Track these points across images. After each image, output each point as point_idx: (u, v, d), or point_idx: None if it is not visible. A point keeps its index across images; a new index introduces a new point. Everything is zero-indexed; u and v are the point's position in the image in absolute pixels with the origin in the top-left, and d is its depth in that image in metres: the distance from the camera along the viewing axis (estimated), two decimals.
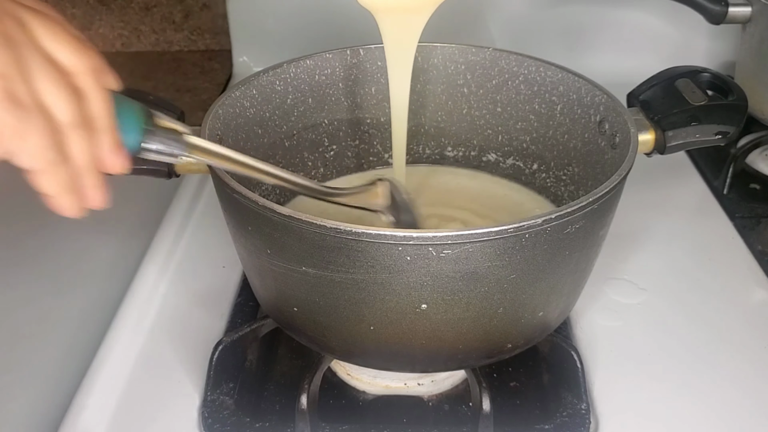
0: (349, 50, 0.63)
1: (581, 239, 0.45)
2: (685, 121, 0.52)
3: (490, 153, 0.67)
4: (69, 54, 0.31)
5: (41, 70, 0.30)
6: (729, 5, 0.80)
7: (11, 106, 0.28)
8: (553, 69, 0.59)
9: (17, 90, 0.28)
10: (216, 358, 0.52)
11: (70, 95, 0.31)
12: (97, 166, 0.33)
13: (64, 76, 0.31)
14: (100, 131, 0.33)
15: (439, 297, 0.42)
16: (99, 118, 0.33)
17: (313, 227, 0.40)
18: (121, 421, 0.51)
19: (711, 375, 0.54)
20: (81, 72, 0.32)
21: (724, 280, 0.64)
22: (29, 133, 0.29)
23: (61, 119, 0.31)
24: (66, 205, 0.33)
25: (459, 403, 0.54)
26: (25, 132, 0.29)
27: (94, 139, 0.33)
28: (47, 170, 0.31)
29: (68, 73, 0.31)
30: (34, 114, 0.29)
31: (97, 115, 0.33)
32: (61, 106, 0.30)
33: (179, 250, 0.67)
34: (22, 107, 0.28)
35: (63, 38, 0.31)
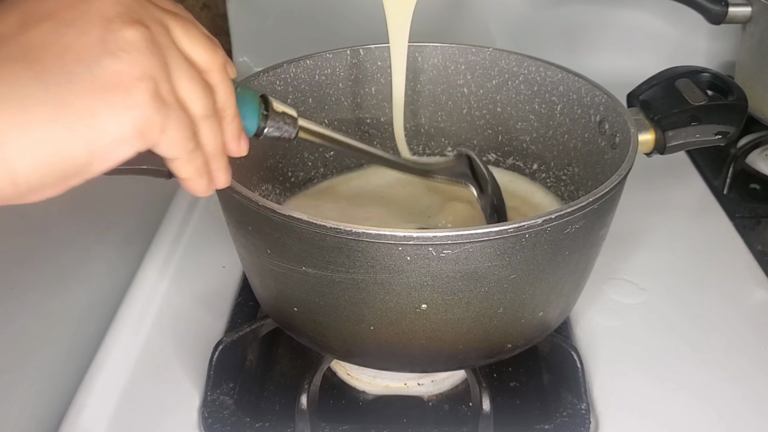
0: (349, 50, 0.63)
1: (581, 239, 0.45)
2: (685, 121, 0.52)
3: (490, 153, 0.67)
4: (203, 53, 0.35)
5: (182, 70, 0.33)
6: (729, 5, 0.80)
7: (158, 105, 0.31)
8: (553, 69, 0.59)
9: (163, 90, 0.32)
10: (216, 358, 0.52)
11: (204, 91, 0.34)
12: (223, 150, 0.37)
13: (198, 73, 0.34)
14: (227, 120, 0.37)
15: (439, 297, 0.42)
16: (226, 108, 0.37)
17: (313, 227, 0.40)
18: (121, 421, 0.51)
19: (711, 375, 0.54)
20: (212, 69, 0.35)
21: (724, 280, 0.64)
22: (171, 127, 0.32)
23: (196, 113, 0.34)
24: (198, 187, 0.37)
25: (459, 403, 0.54)
26: (168, 127, 0.32)
27: (222, 127, 0.37)
28: (184, 158, 0.34)
29: (202, 70, 0.35)
30: (175, 110, 0.32)
31: (224, 106, 0.36)
32: (197, 102, 0.34)
33: (179, 250, 0.67)
34: (166, 105, 0.32)
35: (198, 39, 0.35)
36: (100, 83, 0.30)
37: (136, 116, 0.30)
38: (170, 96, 0.32)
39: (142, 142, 0.31)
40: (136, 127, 0.31)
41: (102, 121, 0.30)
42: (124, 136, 0.30)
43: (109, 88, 0.30)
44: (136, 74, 0.30)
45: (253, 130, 0.41)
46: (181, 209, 0.72)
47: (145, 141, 0.31)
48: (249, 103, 0.41)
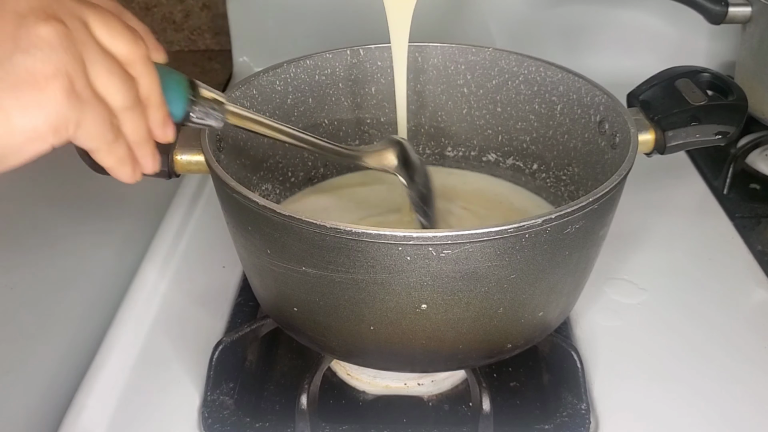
0: (349, 50, 0.63)
1: (581, 239, 0.45)
2: (685, 121, 0.52)
3: (490, 153, 0.67)
4: (123, 45, 0.34)
5: (99, 64, 0.33)
6: (729, 5, 0.80)
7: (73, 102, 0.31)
8: (553, 69, 0.59)
9: (78, 86, 0.31)
10: (216, 358, 0.52)
11: (124, 83, 0.34)
12: (149, 137, 0.37)
13: (118, 66, 0.34)
14: (151, 108, 0.37)
15: (439, 297, 0.42)
16: (149, 97, 0.36)
17: (313, 227, 0.40)
18: (121, 421, 0.51)
19: (711, 375, 0.54)
20: (134, 61, 0.35)
21: (724, 280, 0.64)
22: (87, 121, 0.32)
23: (116, 105, 0.34)
24: (123, 175, 0.37)
25: (459, 403, 0.54)
26: (83, 121, 0.32)
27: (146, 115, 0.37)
28: (105, 149, 0.34)
29: (123, 63, 0.35)
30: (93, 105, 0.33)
31: (148, 94, 0.36)
32: (116, 94, 0.34)
33: (179, 250, 0.67)
34: (82, 101, 0.32)
35: (119, 31, 0.34)
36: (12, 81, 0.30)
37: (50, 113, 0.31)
38: (86, 91, 0.32)
39: (57, 137, 0.32)
40: (50, 124, 0.31)
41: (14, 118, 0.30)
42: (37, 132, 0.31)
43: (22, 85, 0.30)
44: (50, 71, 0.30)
45: (179, 115, 0.40)
46: (181, 209, 0.72)
47: (59, 136, 0.32)
48: (175, 89, 0.40)
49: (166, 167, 0.51)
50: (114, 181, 0.38)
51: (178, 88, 0.40)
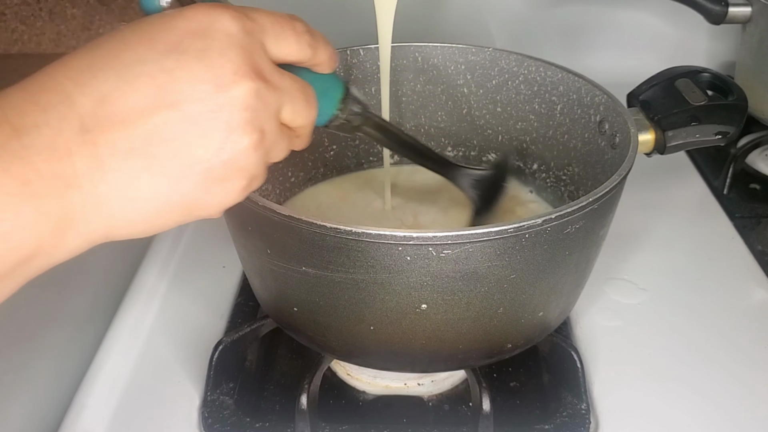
0: (349, 50, 0.63)
1: (581, 239, 0.45)
2: (685, 121, 0.52)
3: (490, 153, 0.66)
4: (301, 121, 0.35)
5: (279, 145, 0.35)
6: (729, 5, 0.80)
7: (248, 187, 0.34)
8: (553, 69, 0.59)
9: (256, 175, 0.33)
10: (216, 358, 0.52)
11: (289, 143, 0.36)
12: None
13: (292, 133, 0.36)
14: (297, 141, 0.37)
15: (439, 297, 0.42)
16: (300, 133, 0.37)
17: (313, 227, 0.40)
18: (121, 421, 0.51)
19: (711, 375, 0.54)
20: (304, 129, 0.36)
21: (724, 280, 0.64)
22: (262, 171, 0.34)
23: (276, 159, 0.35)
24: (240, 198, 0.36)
25: (459, 403, 0.54)
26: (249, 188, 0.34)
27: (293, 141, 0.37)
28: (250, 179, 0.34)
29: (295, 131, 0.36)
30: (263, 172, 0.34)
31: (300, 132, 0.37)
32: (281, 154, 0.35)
33: (179, 250, 0.67)
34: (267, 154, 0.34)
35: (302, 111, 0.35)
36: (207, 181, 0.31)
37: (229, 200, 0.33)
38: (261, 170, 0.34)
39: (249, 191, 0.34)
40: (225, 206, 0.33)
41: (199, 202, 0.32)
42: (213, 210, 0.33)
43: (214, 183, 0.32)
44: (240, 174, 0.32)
45: (323, 122, 0.41)
46: None
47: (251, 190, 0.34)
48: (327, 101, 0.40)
49: None
50: None
51: (330, 105, 0.40)
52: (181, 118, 0.30)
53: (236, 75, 0.31)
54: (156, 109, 0.30)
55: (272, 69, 0.33)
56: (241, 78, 0.31)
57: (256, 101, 0.31)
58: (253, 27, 0.33)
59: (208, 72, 0.30)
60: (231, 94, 0.31)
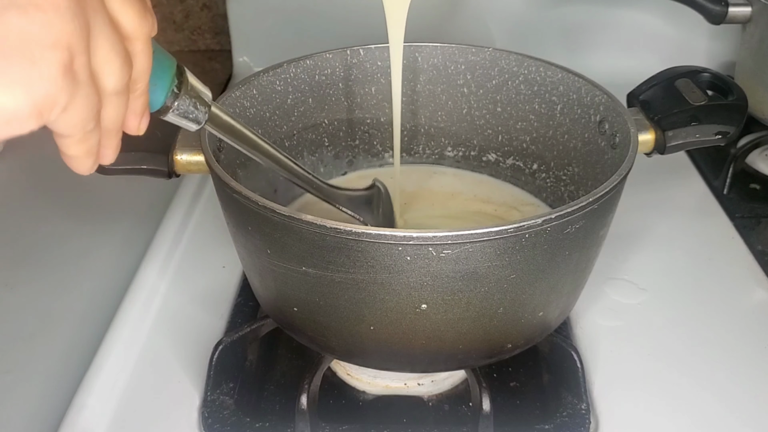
0: (349, 50, 0.63)
1: (581, 239, 0.45)
2: (685, 121, 0.52)
3: (490, 153, 0.67)
4: (132, 17, 0.29)
5: (104, 37, 0.28)
6: (729, 5, 0.80)
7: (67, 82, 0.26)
8: (553, 69, 0.59)
9: (77, 63, 0.26)
10: (216, 358, 0.52)
11: (123, 63, 0.29)
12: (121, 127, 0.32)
13: (121, 42, 0.29)
14: (135, 94, 0.32)
15: (439, 297, 0.42)
16: (138, 81, 0.31)
17: (313, 227, 0.40)
18: (121, 421, 0.51)
19: (711, 375, 0.54)
20: (138, 37, 0.30)
21: (724, 280, 0.64)
22: (75, 106, 0.27)
23: (107, 88, 0.29)
24: (84, 167, 0.31)
25: (459, 403, 0.54)
26: (72, 106, 0.27)
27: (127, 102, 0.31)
28: (79, 137, 0.29)
29: (126, 37, 0.30)
30: (85, 86, 0.27)
31: (138, 78, 0.31)
32: (112, 76, 0.29)
33: (179, 250, 0.67)
34: (77, 82, 0.27)
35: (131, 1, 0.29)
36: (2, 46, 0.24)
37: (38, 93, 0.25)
38: (83, 70, 0.27)
39: (38, 121, 0.26)
40: (35, 105, 0.25)
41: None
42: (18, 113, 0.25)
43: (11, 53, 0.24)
44: (50, 40, 0.25)
45: (156, 106, 0.35)
46: (181, 209, 0.72)
47: (41, 120, 0.26)
48: (160, 76, 0.34)
49: (166, 167, 0.51)
50: (114, 181, 0.38)
51: (164, 75, 0.34)
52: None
53: None
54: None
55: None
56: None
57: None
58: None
59: None
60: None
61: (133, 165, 0.50)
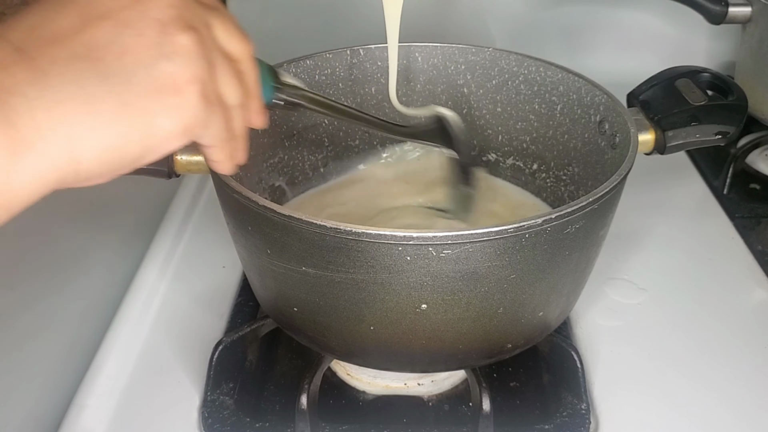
0: (349, 50, 0.63)
1: (581, 239, 0.45)
2: (685, 121, 0.52)
3: (490, 153, 0.67)
4: (237, 45, 0.37)
5: (223, 67, 0.35)
6: (729, 5, 0.80)
7: (204, 105, 0.33)
8: (553, 69, 0.59)
9: (208, 90, 0.34)
10: (216, 358, 0.52)
11: (239, 82, 0.37)
12: (247, 130, 0.39)
13: (234, 66, 0.37)
14: (253, 101, 0.39)
15: (439, 297, 0.42)
16: (251, 90, 0.39)
17: (313, 227, 0.40)
18: (121, 421, 0.51)
19: (711, 375, 0.54)
20: (244, 59, 0.37)
21: (724, 280, 0.64)
22: (213, 122, 0.35)
23: (232, 103, 0.36)
24: (226, 168, 0.39)
25: (459, 403, 0.54)
26: (211, 122, 0.34)
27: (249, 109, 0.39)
28: (220, 146, 0.37)
29: (235, 61, 0.37)
30: (217, 106, 0.35)
31: (251, 88, 0.39)
32: (233, 94, 0.36)
33: (179, 250, 0.67)
34: (211, 104, 0.34)
35: (233, 32, 0.37)
36: (157, 84, 0.31)
37: (186, 115, 0.33)
38: (214, 94, 0.34)
39: (188, 137, 0.33)
40: (186, 125, 0.33)
41: (158, 119, 0.32)
42: (174, 132, 0.32)
43: (165, 89, 0.32)
44: (188, 77, 0.32)
45: (267, 101, 0.43)
46: (181, 209, 0.72)
47: (190, 136, 0.34)
48: (264, 78, 0.42)
49: (166, 167, 0.51)
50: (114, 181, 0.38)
51: (266, 77, 0.43)
52: (113, 24, 0.31)
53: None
54: (87, 23, 0.30)
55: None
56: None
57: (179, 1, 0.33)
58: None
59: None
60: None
61: None
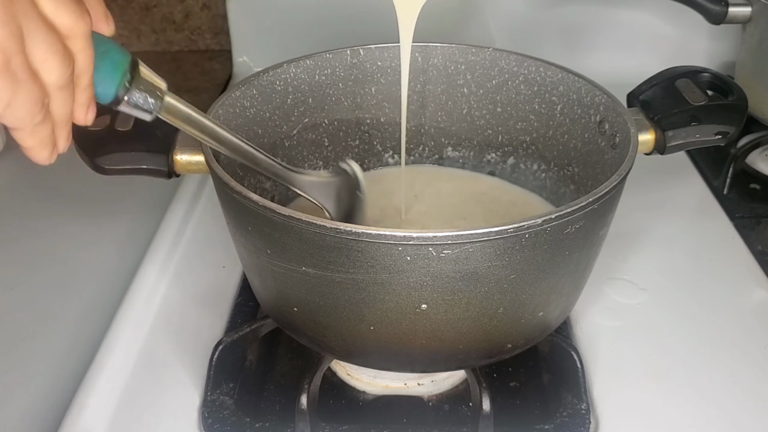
0: (349, 50, 0.63)
1: (581, 239, 0.45)
2: (685, 121, 0.52)
3: (490, 153, 0.67)
4: (67, 18, 0.32)
5: (40, 38, 0.30)
6: (729, 5, 0.80)
7: (7, 80, 0.29)
8: (553, 69, 0.59)
9: (14, 63, 0.29)
10: (216, 358, 0.52)
11: (63, 60, 0.32)
12: (70, 118, 0.35)
13: (59, 40, 0.32)
14: (80, 88, 0.34)
15: (439, 297, 0.42)
16: (81, 76, 0.34)
17: (313, 227, 0.40)
18: (121, 421, 0.51)
19: (711, 375, 0.54)
20: (75, 35, 0.32)
21: (724, 280, 0.64)
22: (18, 101, 0.30)
23: (50, 83, 0.32)
24: (41, 156, 0.34)
25: (459, 403, 0.54)
26: (15, 100, 0.30)
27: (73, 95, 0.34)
28: (30, 129, 0.32)
29: (64, 36, 0.32)
30: (26, 83, 0.30)
31: (81, 73, 0.34)
32: (53, 72, 0.31)
33: (179, 250, 0.67)
34: (16, 80, 0.29)
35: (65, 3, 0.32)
36: None
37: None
38: (22, 68, 0.30)
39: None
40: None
41: None
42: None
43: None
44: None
45: (107, 99, 0.37)
46: (181, 209, 0.72)
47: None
48: (110, 70, 0.36)
49: (166, 167, 0.51)
50: (114, 182, 0.38)
51: (115, 71, 0.37)
52: None
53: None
54: None
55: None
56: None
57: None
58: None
59: None
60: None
61: (133, 165, 0.50)
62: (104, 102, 0.37)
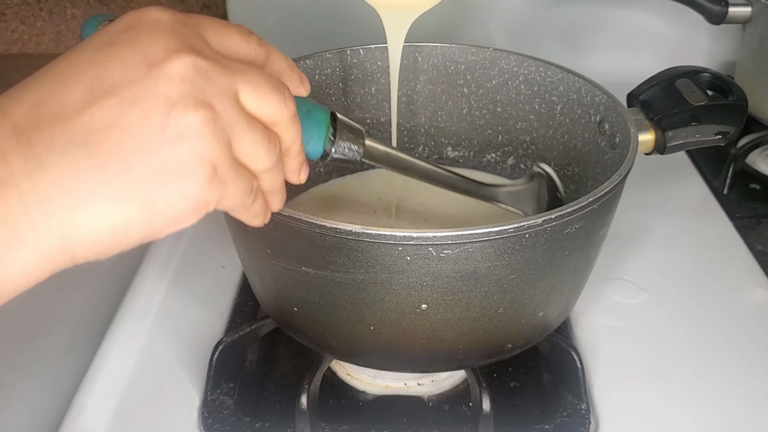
0: (349, 50, 0.63)
1: (581, 239, 0.45)
2: (685, 121, 0.52)
3: (490, 153, 0.67)
4: (271, 109, 0.33)
5: (246, 138, 0.31)
6: (729, 5, 0.80)
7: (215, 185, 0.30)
8: (553, 69, 0.59)
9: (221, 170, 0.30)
10: (216, 358, 0.52)
11: (269, 146, 0.33)
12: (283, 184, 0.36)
13: (264, 131, 0.32)
14: (290, 157, 0.35)
15: (439, 297, 0.42)
16: (290, 148, 0.35)
17: (313, 227, 0.40)
18: (121, 421, 0.51)
19: (711, 375, 0.54)
20: (280, 121, 0.33)
21: (724, 280, 0.64)
22: (229, 196, 0.32)
23: (258, 169, 0.33)
24: (256, 223, 0.36)
25: (459, 403, 0.54)
26: (225, 196, 0.31)
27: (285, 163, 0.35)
28: (242, 210, 0.34)
29: (269, 123, 0.33)
30: (234, 181, 0.31)
31: (289, 146, 0.35)
32: (260, 160, 0.33)
33: (179, 250, 0.67)
34: (224, 182, 0.31)
35: (266, 96, 0.32)
36: (158, 173, 0.29)
37: (193, 200, 0.30)
38: (229, 172, 0.31)
39: (198, 216, 0.31)
40: (192, 208, 0.30)
41: (158, 207, 0.29)
42: (179, 217, 0.30)
43: (167, 177, 0.29)
44: (194, 161, 0.29)
45: (316, 156, 0.39)
46: None
47: (200, 215, 0.31)
48: (316, 130, 0.38)
49: None
50: None
51: (319, 129, 0.38)
52: (118, 102, 0.28)
53: (168, 50, 0.29)
54: (91, 100, 0.28)
55: (215, 52, 0.31)
56: (173, 52, 0.29)
57: (195, 74, 0.29)
58: (187, 20, 0.31)
59: (137, 54, 0.29)
60: (165, 69, 0.29)
61: None
62: (313, 159, 0.38)
